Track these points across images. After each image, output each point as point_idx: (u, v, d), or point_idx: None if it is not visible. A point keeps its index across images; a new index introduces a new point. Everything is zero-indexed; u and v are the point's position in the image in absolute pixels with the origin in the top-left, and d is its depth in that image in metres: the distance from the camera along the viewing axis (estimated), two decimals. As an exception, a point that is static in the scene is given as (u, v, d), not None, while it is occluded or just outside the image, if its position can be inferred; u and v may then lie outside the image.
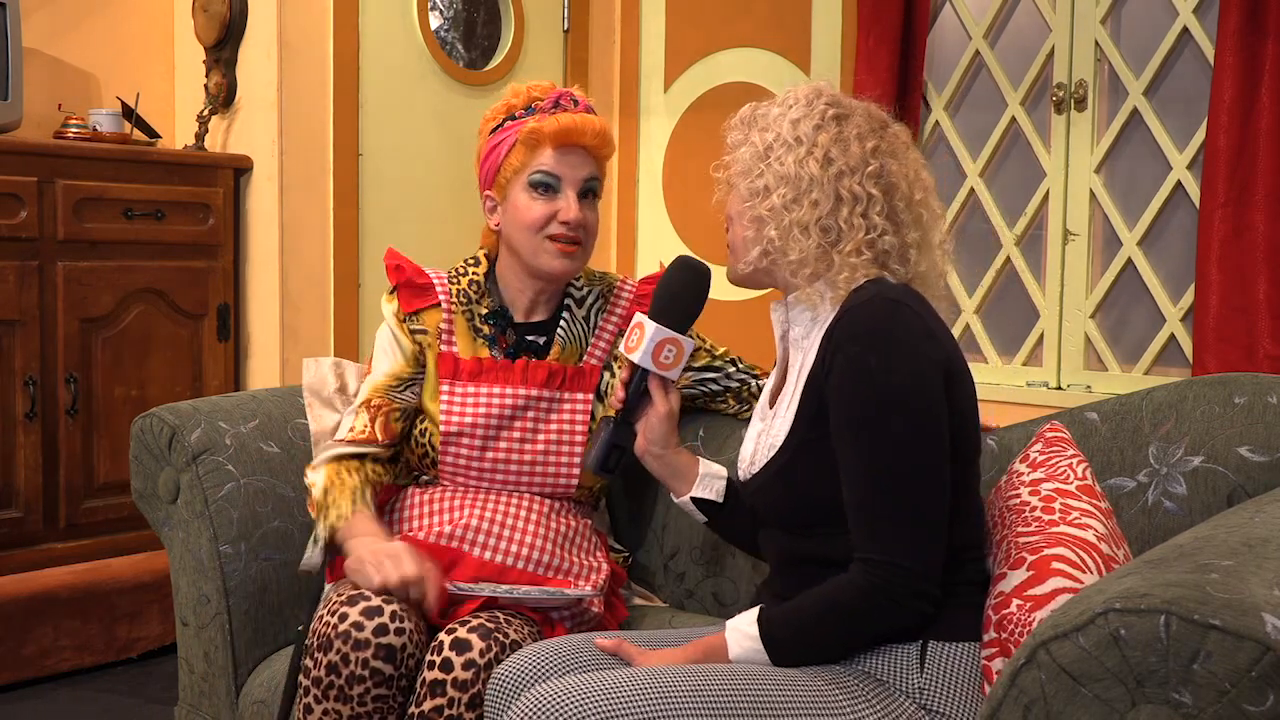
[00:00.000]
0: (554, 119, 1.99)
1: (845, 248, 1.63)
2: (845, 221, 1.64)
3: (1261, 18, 3.01)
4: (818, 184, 1.64)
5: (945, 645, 1.58)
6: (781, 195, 1.65)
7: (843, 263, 1.63)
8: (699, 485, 1.89)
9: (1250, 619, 1.10)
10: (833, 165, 1.65)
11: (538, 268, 2.03)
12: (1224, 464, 1.77)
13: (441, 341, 2.05)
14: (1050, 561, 1.58)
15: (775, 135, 1.68)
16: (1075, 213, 3.43)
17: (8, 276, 3.10)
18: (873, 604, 1.55)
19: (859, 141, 1.66)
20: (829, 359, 1.59)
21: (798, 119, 1.67)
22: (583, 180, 2.02)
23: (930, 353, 1.59)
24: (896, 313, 1.59)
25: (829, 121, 1.67)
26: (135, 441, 2.20)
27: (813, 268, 1.65)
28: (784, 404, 1.70)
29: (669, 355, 1.84)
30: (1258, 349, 3.03)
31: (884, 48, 3.59)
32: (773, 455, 1.69)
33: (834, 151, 1.65)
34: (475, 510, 1.97)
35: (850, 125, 1.68)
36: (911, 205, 1.68)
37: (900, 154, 1.70)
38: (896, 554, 1.54)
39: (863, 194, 1.64)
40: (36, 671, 3.10)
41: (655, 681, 1.52)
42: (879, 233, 1.64)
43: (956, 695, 1.57)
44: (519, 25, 4.07)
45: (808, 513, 1.66)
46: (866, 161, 1.65)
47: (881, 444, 1.55)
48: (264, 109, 3.55)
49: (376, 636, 1.74)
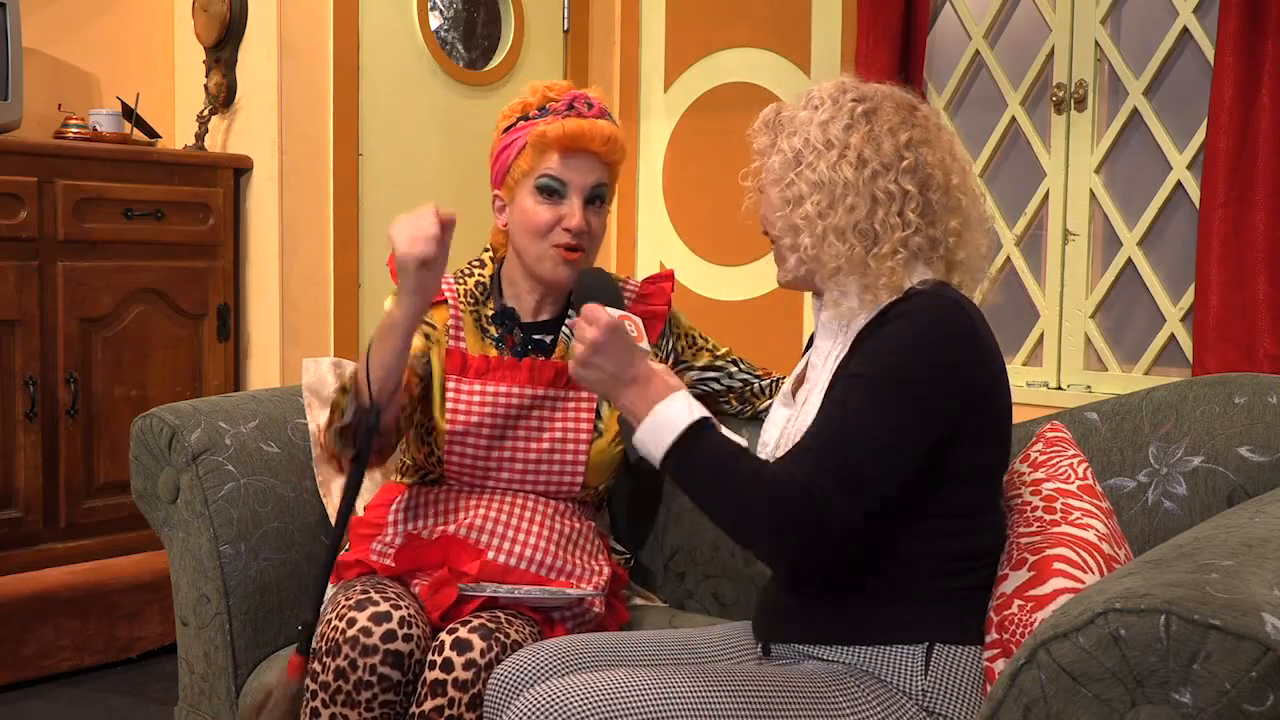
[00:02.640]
0: (561, 124, 1.98)
1: (883, 249, 1.61)
2: (881, 224, 1.61)
3: (1261, 18, 3.01)
4: (853, 188, 1.61)
5: (951, 648, 1.58)
6: (816, 203, 1.62)
7: (879, 267, 1.61)
8: None
9: (1250, 619, 1.10)
10: (867, 166, 1.62)
11: (540, 274, 2.03)
12: (1224, 464, 1.77)
13: (450, 338, 2.05)
14: (1051, 562, 1.58)
15: (804, 140, 1.64)
16: (1075, 213, 3.43)
17: (8, 276, 3.10)
18: (793, 494, 1.48)
19: (891, 136, 1.63)
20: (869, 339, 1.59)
21: (826, 120, 1.64)
22: (589, 187, 2.01)
23: (966, 354, 1.58)
24: (950, 311, 1.58)
25: (859, 119, 1.64)
26: (135, 441, 2.20)
27: (850, 272, 1.63)
28: (810, 390, 1.68)
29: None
30: (1258, 349, 3.03)
31: (884, 48, 3.59)
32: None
33: (867, 151, 1.62)
34: (480, 510, 1.97)
35: (880, 120, 1.64)
36: (950, 191, 1.65)
37: (933, 138, 1.66)
38: (821, 476, 1.48)
39: (899, 192, 1.61)
40: (36, 671, 3.10)
41: (655, 682, 1.52)
42: (913, 230, 1.62)
43: (960, 698, 1.57)
44: (519, 25, 4.07)
45: None
46: (901, 156, 1.62)
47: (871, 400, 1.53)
48: (264, 109, 3.55)
49: (384, 643, 1.73)
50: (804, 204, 1.63)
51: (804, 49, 3.88)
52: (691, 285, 4.06)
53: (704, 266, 4.09)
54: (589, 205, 2.01)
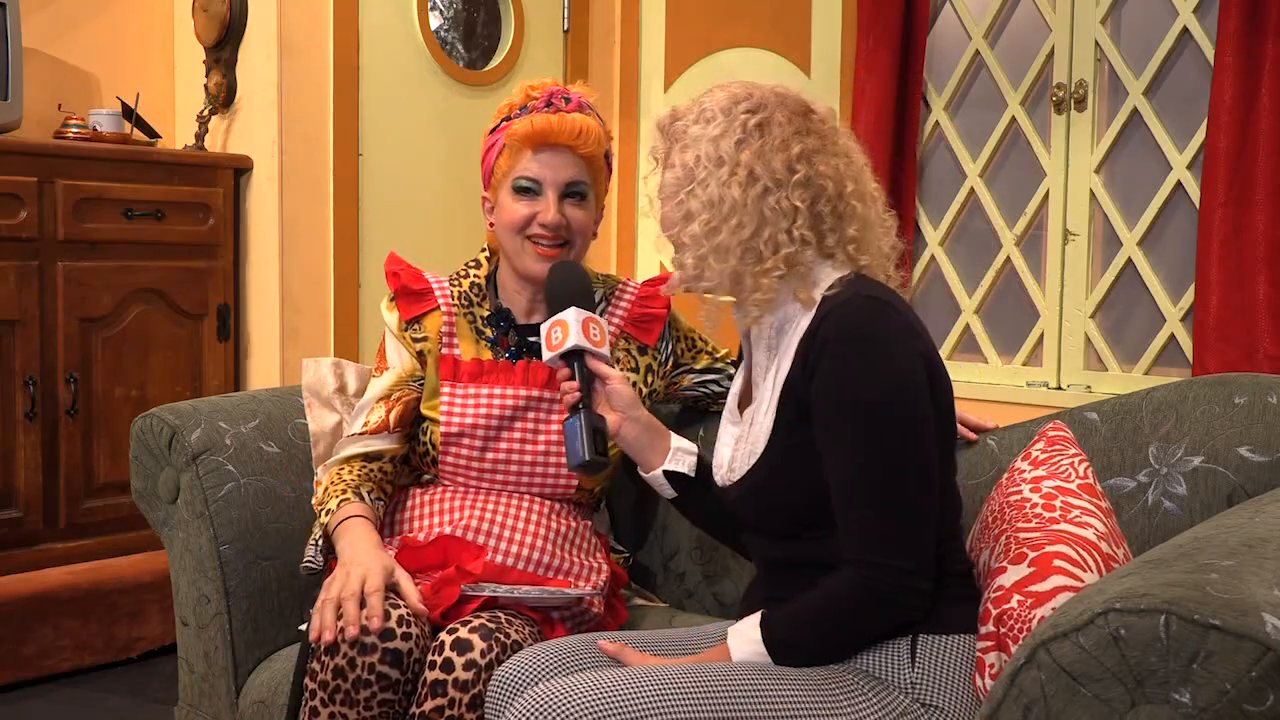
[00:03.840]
0: (530, 120, 1.98)
1: (766, 265, 1.61)
2: (767, 242, 1.61)
3: (1261, 18, 3.01)
4: (739, 207, 1.61)
5: (935, 639, 1.59)
6: (705, 222, 1.63)
7: (755, 283, 1.62)
8: (671, 459, 1.86)
9: (1250, 619, 1.10)
10: (757, 184, 1.61)
11: (521, 269, 2.03)
12: (1224, 464, 1.77)
13: (443, 345, 2.05)
14: (1051, 559, 1.58)
15: (696, 156, 1.65)
16: (1075, 213, 3.43)
17: (8, 276, 3.10)
18: (870, 604, 1.55)
19: (783, 150, 1.62)
20: (812, 361, 1.58)
21: (718, 135, 1.64)
22: (564, 183, 2.00)
23: (915, 349, 1.59)
24: (879, 311, 1.58)
25: (751, 133, 1.63)
26: (135, 441, 2.20)
27: (727, 289, 1.65)
28: (761, 409, 1.68)
29: (595, 332, 1.83)
30: (1258, 349, 3.03)
31: (884, 48, 3.59)
32: (754, 462, 1.67)
33: (758, 168, 1.61)
34: (475, 510, 1.97)
35: (772, 132, 1.63)
36: (845, 198, 1.64)
37: (828, 145, 1.65)
38: (891, 554, 1.54)
39: (788, 208, 1.61)
40: (36, 671, 3.10)
41: (656, 680, 1.52)
42: (799, 246, 1.62)
43: (949, 688, 1.58)
44: (519, 25, 4.07)
45: (793, 519, 1.65)
46: (793, 169, 1.62)
47: (871, 446, 1.55)
48: (264, 109, 3.55)
49: (383, 641, 1.73)
50: (692, 222, 1.64)
51: (804, 49, 3.88)
52: (691, 285, 4.06)
53: (704, 266, 4.09)
54: (567, 200, 2.01)
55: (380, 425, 2.02)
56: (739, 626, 1.64)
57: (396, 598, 1.80)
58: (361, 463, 2.01)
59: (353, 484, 1.97)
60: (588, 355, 1.82)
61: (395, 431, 2.02)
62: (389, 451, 2.03)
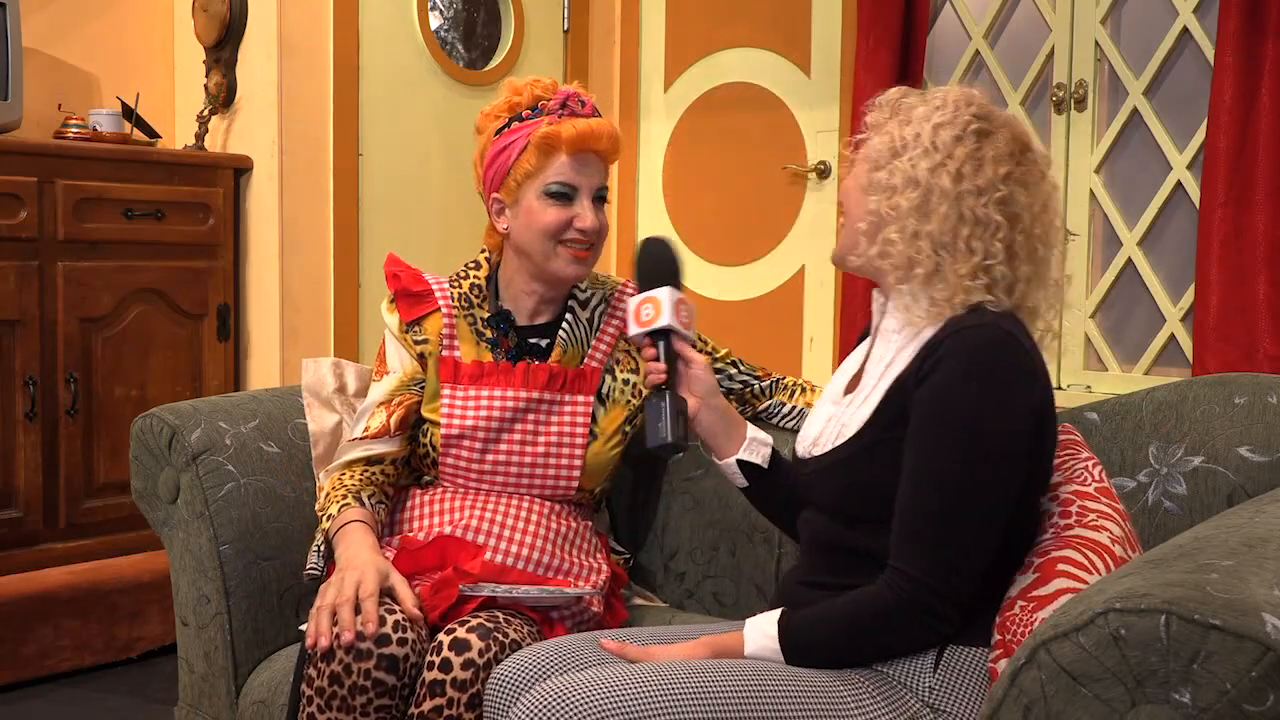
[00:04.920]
0: (570, 125, 1.96)
1: (960, 268, 1.60)
2: (965, 242, 1.60)
3: (1261, 18, 3.01)
4: (946, 198, 1.60)
5: (962, 649, 1.58)
6: (909, 199, 1.61)
7: (955, 282, 1.60)
8: (746, 448, 1.84)
9: (1250, 619, 1.10)
10: (963, 182, 1.60)
11: (552, 273, 2.02)
12: (1224, 464, 1.76)
13: (444, 347, 2.05)
14: (1056, 564, 1.58)
15: (914, 134, 1.63)
16: (1075, 213, 3.43)
17: (8, 276, 3.10)
18: (895, 620, 1.55)
19: (994, 164, 1.61)
20: (926, 369, 1.57)
21: (940, 124, 1.63)
22: (596, 188, 2.01)
23: (1030, 396, 1.57)
24: (1009, 346, 1.57)
25: (969, 135, 1.62)
26: (135, 441, 2.20)
27: (923, 278, 1.62)
28: (863, 395, 1.68)
29: (686, 314, 1.83)
30: (1258, 349, 3.03)
31: (884, 48, 3.59)
32: (841, 443, 1.67)
33: (967, 168, 1.61)
34: (475, 511, 1.97)
35: (990, 145, 1.62)
36: (1030, 238, 1.63)
37: (1033, 184, 1.65)
38: (932, 575, 1.53)
39: (986, 218, 1.60)
40: (36, 671, 3.10)
41: (661, 678, 1.52)
42: (996, 260, 1.61)
43: (965, 697, 1.57)
44: (519, 25, 4.07)
45: (861, 506, 1.65)
46: (996, 187, 1.61)
47: (955, 466, 1.54)
48: (264, 109, 3.55)
49: (379, 647, 1.73)
50: (896, 196, 1.62)
51: (804, 49, 3.88)
52: (691, 285, 4.06)
53: (704, 267, 4.09)
54: (595, 203, 2.02)
55: (381, 430, 2.02)
56: (756, 620, 1.64)
57: (392, 602, 1.80)
58: (363, 467, 2.01)
59: (353, 489, 1.97)
60: (675, 337, 1.82)
61: (396, 435, 2.03)
62: (390, 454, 2.03)
